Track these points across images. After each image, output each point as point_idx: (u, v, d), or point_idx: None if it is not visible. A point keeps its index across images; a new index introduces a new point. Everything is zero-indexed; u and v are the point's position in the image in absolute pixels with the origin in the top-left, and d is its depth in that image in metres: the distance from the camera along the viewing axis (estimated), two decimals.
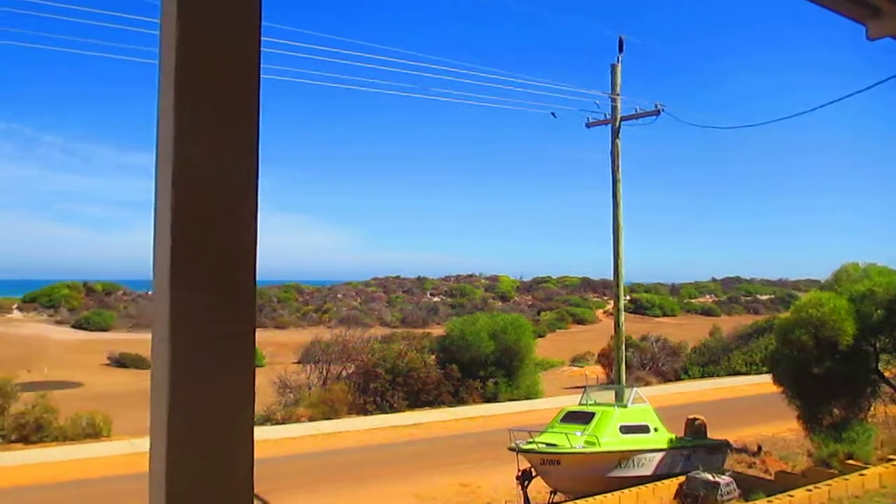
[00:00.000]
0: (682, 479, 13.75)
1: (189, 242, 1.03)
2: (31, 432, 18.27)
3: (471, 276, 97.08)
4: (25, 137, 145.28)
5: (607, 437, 13.81)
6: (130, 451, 17.28)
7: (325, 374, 25.58)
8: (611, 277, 19.98)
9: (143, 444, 13.79)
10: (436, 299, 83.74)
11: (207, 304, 1.04)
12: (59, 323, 68.41)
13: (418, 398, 24.93)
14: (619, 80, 19.65)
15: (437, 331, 41.02)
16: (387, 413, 23.22)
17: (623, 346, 19.49)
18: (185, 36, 1.05)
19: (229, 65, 1.08)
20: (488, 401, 25.99)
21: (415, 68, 29.96)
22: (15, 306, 74.37)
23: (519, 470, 13.47)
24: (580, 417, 14.40)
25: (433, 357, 27.06)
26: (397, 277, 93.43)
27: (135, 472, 15.46)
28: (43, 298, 75.44)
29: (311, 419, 20.96)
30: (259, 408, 21.14)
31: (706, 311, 79.05)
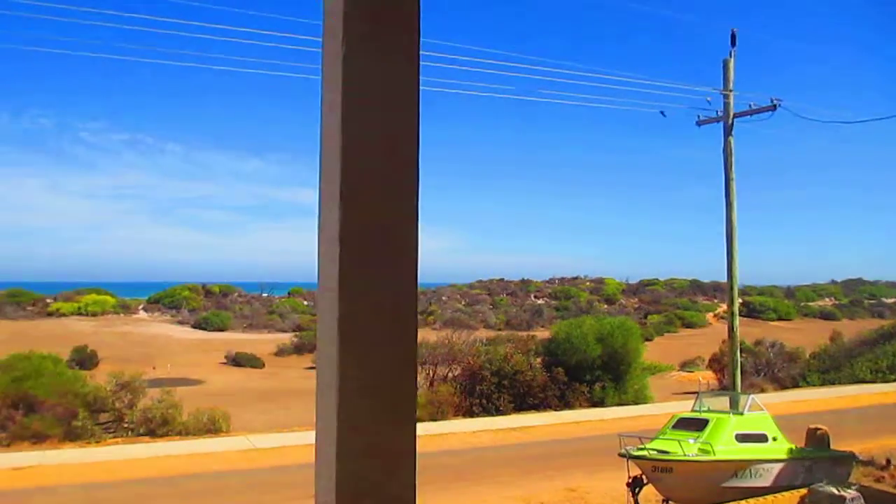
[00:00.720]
0: (803, 492, 13.11)
1: (356, 250, 1.08)
2: (158, 426, 19.33)
3: (575, 278, 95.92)
4: (148, 147, 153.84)
5: (722, 445, 13.34)
6: (248, 446, 18.03)
7: (431, 375, 25.87)
8: (721, 280, 19.32)
9: (259, 440, 14.35)
10: (540, 302, 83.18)
11: (373, 308, 1.09)
12: (180, 323, 71.97)
13: (524, 401, 24.84)
14: (731, 76, 18.99)
15: (542, 333, 40.73)
16: (493, 416, 23.24)
17: (738, 351, 18.77)
18: (350, 53, 1.10)
19: (392, 78, 1.13)
20: (595, 405, 25.60)
21: (513, 69, 29.88)
22: (141, 307, 78.86)
23: (629, 476, 13.21)
24: (693, 424, 13.98)
25: (539, 360, 26.91)
26: (501, 280, 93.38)
27: (254, 467, 16.13)
28: (166, 300, 79.66)
29: (418, 420, 21.24)
30: None
31: (825, 315, 75.01)
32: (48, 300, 75.29)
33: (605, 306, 77.12)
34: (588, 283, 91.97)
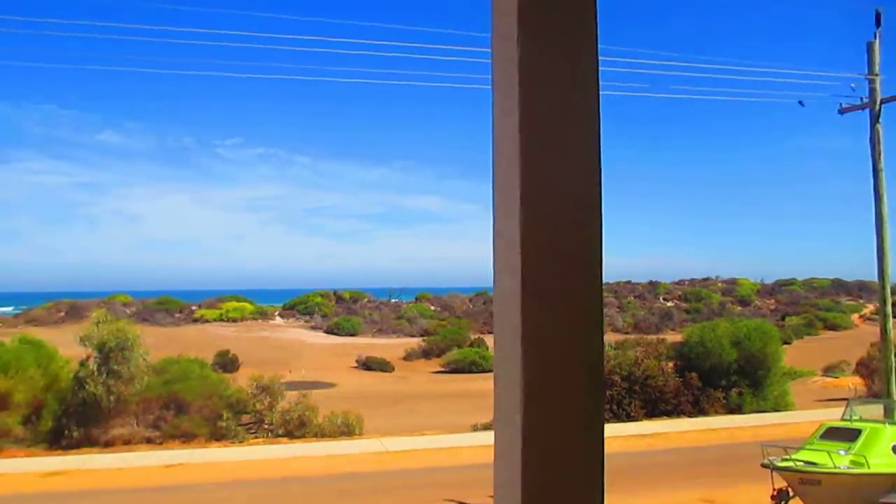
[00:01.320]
0: None
1: (539, 256, 1.05)
2: (295, 428, 20.12)
3: (706, 279, 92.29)
4: (280, 160, 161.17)
5: (878, 457, 12.41)
6: (380, 449, 18.45)
7: None
8: (867, 278, 18.05)
9: (391, 443, 14.59)
10: (669, 304, 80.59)
11: (557, 314, 1.06)
12: (313, 328, 74.66)
13: (656, 407, 24.12)
14: (877, 59, 17.73)
15: (672, 337, 39.46)
16: (623, 421, 22.70)
17: (892, 355, 17.46)
18: (526, 55, 1.07)
19: (570, 78, 1.10)
20: (731, 412, 24.51)
21: (641, 66, 29.17)
22: (277, 313, 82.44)
23: (774, 488, 12.53)
24: (844, 434, 13.09)
25: (671, 364, 26.07)
26: (628, 282, 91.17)
27: (387, 470, 16.47)
28: (300, 306, 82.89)
29: None
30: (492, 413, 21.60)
31: None
32: (193, 307, 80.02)
33: (739, 308, 73.75)
34: (720, 284, 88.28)
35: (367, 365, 54.60)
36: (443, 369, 53.08)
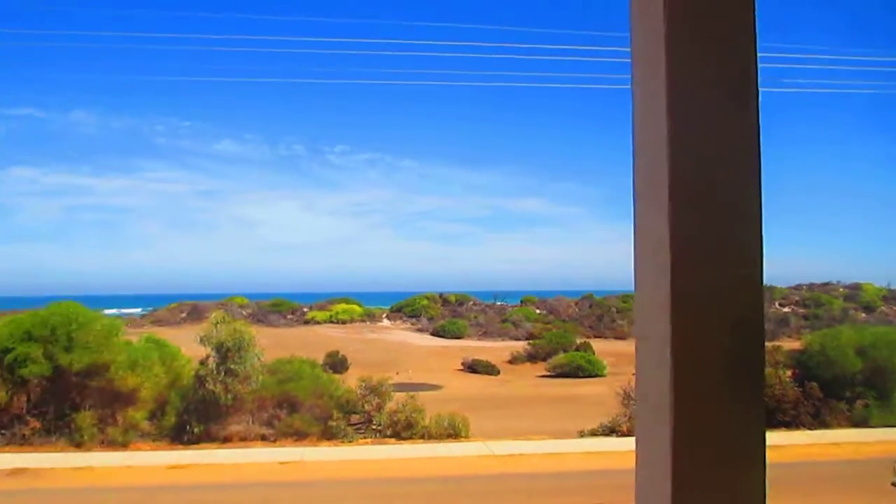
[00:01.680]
0: None
1: (691, 256, 0.97)
2: (402, 429, 20.40)
3: (826, 284, 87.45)
4: (387, 165, 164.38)
5: None
6: (486, 452, 18.46)
7: None
8: None
9: (497, 446, 14.49)
10: (786, 310, 76.88)
11: (712, 320, 0.97)
12: (419, 331, 75.55)
13: (773, 417, 23.01)
14: None
15: (789, 344, 37.58)
16: None
17: None
18: (672, 54, 1.00)
19: (723, 75, 1.02)
20: (856, 425, 23.10)
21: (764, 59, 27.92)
22: (384, 315, 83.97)
23: None
24: None
25: (789, 373, 24.85)
26: None
27: (493, 473, 16.45)
28: (406, 308, 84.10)
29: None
30: (604, 419, 21.22)
31: None
32: (305, 309, 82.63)
33: (864, 315, 69.50)
34: (842, 290, 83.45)
35: (473, 368, 54.72)
36: (548, 373, 52.58)
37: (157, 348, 22.61)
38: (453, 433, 20.34)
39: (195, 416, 20.18)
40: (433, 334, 71.86)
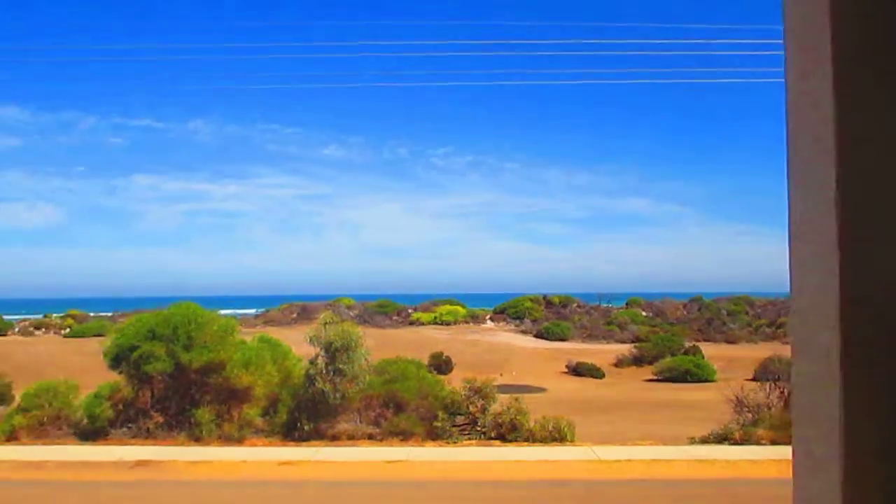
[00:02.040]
0: None
1: (863, 263, 0.85)
2: (507, 431, 20.35)
3: None
4: (489, 167, 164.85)
5: None
6: (592, 457, 18.17)
7: (785, 394, 23.73)
8: None
9: (603, 451, 14.21)
10: None
11: (890, 335, 0.84)
12: (523, 332, 75.32)
13: None
14: None
15: None
16: None
17: None
18: (841, 19, 0.87)
19: None
20: None
21: None
22: (488, 317, 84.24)
23: None
24: None
25: None
26: None
27: (599, 478, 16.18)
28: (510, 310, 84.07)
29: (774, 442, 19.59)
30: (714, 425, 20.50)
31: None
32: (410, 311, 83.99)
33: None
34: None
35: (577, 370, 54.14)
36: (655, 377, 51.37)
37: (270, 348, 23.46)
38: (558, 437, 20.12)
39: (305, 413, 20.81)
40: (537, 336, 71.50)
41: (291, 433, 20.86)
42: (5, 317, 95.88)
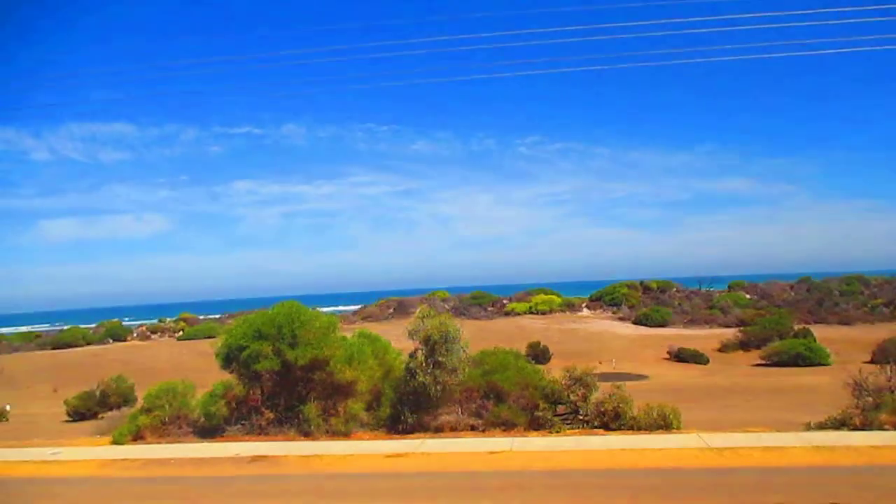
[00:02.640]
0: None
1: None
2: (610, 420, 20.08)
3: None
4: (579, 153, 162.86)
5: None
6: (701, 444, 17.69)
7: None
8: None
9: (712, 438, 13.82)
10: None
11: None
12: (621, 319, 74.22)
13: None
14: None
15: None
16: None
17: None
18: None
19: None
20: None
21: None
22: (584, 305, 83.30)
23: None
24: None
25: None
26: None
27: (709, 467, 15.76)
28: (606, 297, 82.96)
29: None
30: (832, 410, 19.63)
31: None
32: (504, 301, 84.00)
33: None
34: None
35: (680, 356, 53.01)
36: (763, 362, 49.68)
37: (370, 342, 23.93)
38: (663, 424, 19.71)
39: (408, 406, 21.13)
40: (636, 323, 70.39)
41: (395, 426, 21.24)
42: (124, 322, 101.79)
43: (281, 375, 21.96)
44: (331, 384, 21.67)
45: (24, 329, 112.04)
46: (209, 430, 22.22)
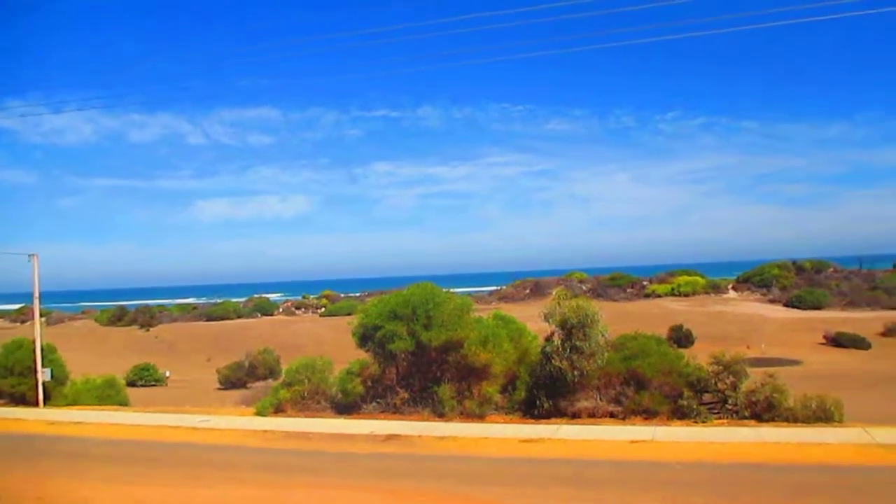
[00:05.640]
0: None
1: None
2: (763, 410, 18.68)
3: None
4: (723, 128, 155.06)
5: None
6: (867, 440, 16.10)
7: None
8: None
9: (882, 434, 12.27)
10: None
11: None
12: (771, 301, 70.13)
13: None
14: None
15: None
16: None
17: None
18: None
19: None
20: None
21: None
22: (730, 286, 79.34)
23: None
24: None
25: None
26: None
27: (879, 464, 14.28)
28: (755, 278, 78.54)
29: None
30: None
31: None
32: (644, 282, 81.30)
33: None
34: None
35: (838, 341, 49.54)
36: None
37: (505, 325, 23.55)
38: (823, 416, 18.12)
39: (543, 391, 20.58)
40: (787, 305, 66.42)
41: (531, 410, 20.76)
42: (271, 298, 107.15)
43: (415, 356, 22.02)
44: (465, 366, 21.49)
45: (180, 301, 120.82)
46: (346, 407, 22.67)
